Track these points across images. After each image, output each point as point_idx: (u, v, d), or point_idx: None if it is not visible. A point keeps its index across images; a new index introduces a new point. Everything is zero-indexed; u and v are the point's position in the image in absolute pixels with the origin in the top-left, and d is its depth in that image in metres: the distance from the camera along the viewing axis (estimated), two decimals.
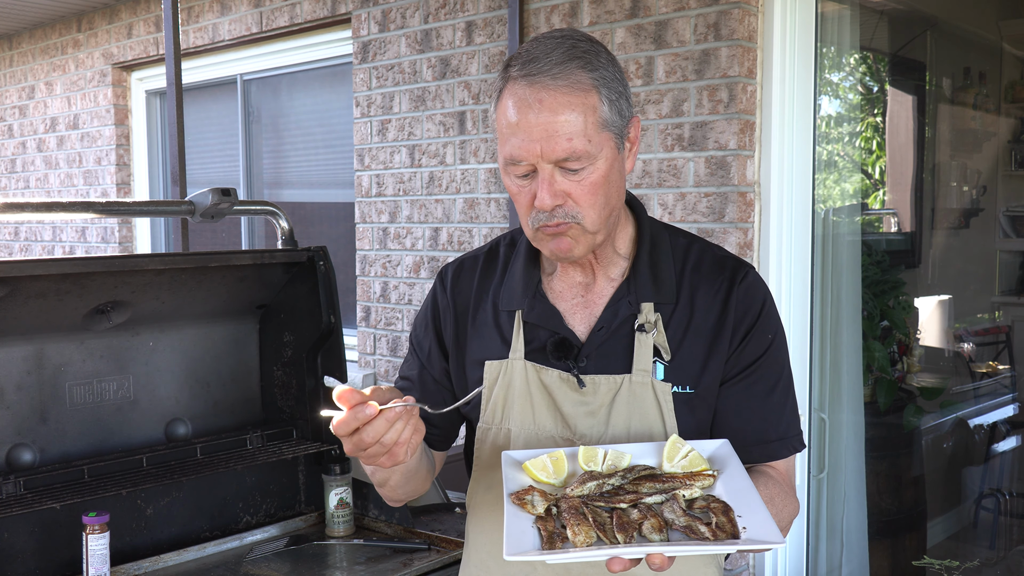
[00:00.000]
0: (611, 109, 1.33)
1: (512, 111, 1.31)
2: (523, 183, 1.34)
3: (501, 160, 1.36)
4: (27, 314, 2.08)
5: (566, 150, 1.28)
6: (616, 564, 1.11)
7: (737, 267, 1.46)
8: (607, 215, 1.36)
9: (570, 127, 1.28)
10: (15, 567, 2.08)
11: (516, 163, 1.32)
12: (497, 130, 1.36)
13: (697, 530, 1.15)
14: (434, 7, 3.88)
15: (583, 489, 1.24)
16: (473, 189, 3.79)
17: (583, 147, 1.29)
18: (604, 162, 1.32)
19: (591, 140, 1.30)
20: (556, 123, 1.28)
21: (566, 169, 1.30)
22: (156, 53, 5.33)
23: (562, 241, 1.35)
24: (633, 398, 1.39)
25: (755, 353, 1.42)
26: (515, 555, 1.11)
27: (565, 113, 1.28)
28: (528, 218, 1.36)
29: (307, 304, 2.48)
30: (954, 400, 4.77)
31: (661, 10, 3.16)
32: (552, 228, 1.33)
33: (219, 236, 5.40)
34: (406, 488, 1.51)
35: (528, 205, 1.34)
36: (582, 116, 1.29)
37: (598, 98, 1.31)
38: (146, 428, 2.38)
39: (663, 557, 1.10)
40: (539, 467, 1.30)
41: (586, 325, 1.45)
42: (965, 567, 3.55)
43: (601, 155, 1.32)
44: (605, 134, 1.32)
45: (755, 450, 1.41)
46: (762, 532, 1.13)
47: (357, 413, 1.19)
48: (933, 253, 5.48)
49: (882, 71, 5.51)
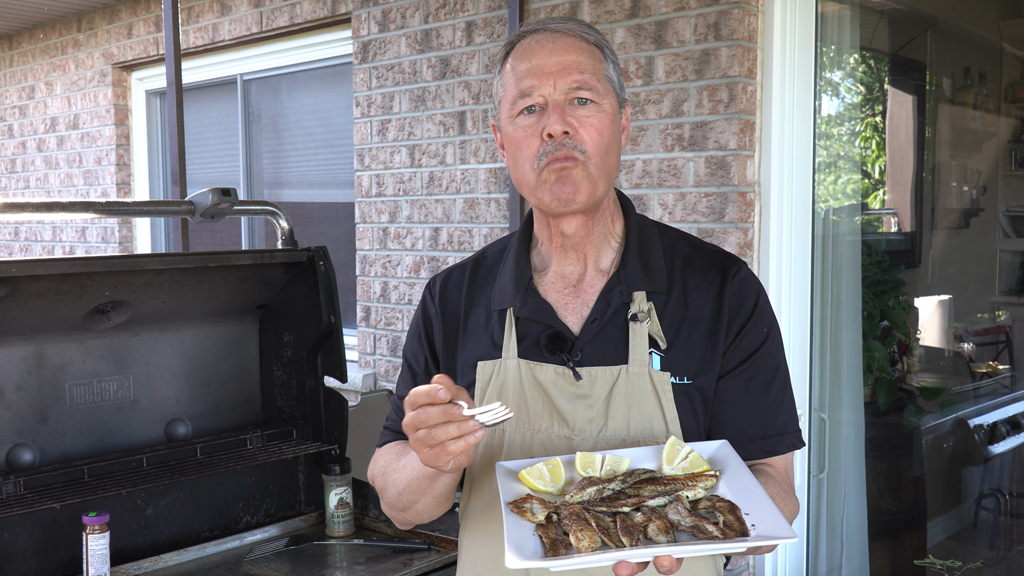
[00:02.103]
0: (614, 72, 1.43)
1: (525, 54, 1.39)
2: (531, 121, 1.38)
3: (508, 107, 1.40)
4: (27, 314, 2.08)
5: (578, 80, 1.36)
6: (623, 568, 1.08)
7: (729, 262, 1.46)
8: (608, 165, 1.40)
9: (581, 63, 1.38)
10: (15, 567, 2.08)
11: (527, 95, 1.37)
12: (502, 84, 1.42)
13: (705, 529, 1.11)
14: (434, 7, 3.88)
15: (583, 495, 1.20)
16: (473, 189, 3.79)
17: (592, 81, 1.37)
18: (609, 108, 1.39)
19: (599, 81, 1.38)
20: (568, 59, 1.37)
21: (576, 104, 1.37)
22: (156, 53, 5.33)
23: (566, 184, 1.36)
24: (631, 389, 1.38)
25: (751, 347, 1.42)
26: (518, 563, 1.06)
27: (576, 53, 1.38)
28: (534, 159, 1.38)
29: (307, 304, 2.48)
30: (954, 400, 4.77)
31: (661, 10, 3.16)
32: (560, 158, 1.35)
33: (219, 236, 5.40)
34: (429, 514, 1.47)
35: (536, 144, 1.37)
36: (591, 59, 1.39)
37: (603, 56, 1.41)
38: (146, 428, 2.38)
39: (671, 559, 1.08)
40: (536, 475, 1.26)
41: (579, 317, 1.44)
42: (966, 567, 3.56)
43: (606, 101, 1.39)
44: (608, 87, 1.40)
45: (753, 446, 1.40)
46: (773, 528, 1.10)
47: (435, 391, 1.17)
48: (933, 253, 5.48)
49: (882, 71, 5.51)
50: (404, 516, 1.49)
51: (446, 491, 1.40)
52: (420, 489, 1.39)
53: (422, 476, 1.36)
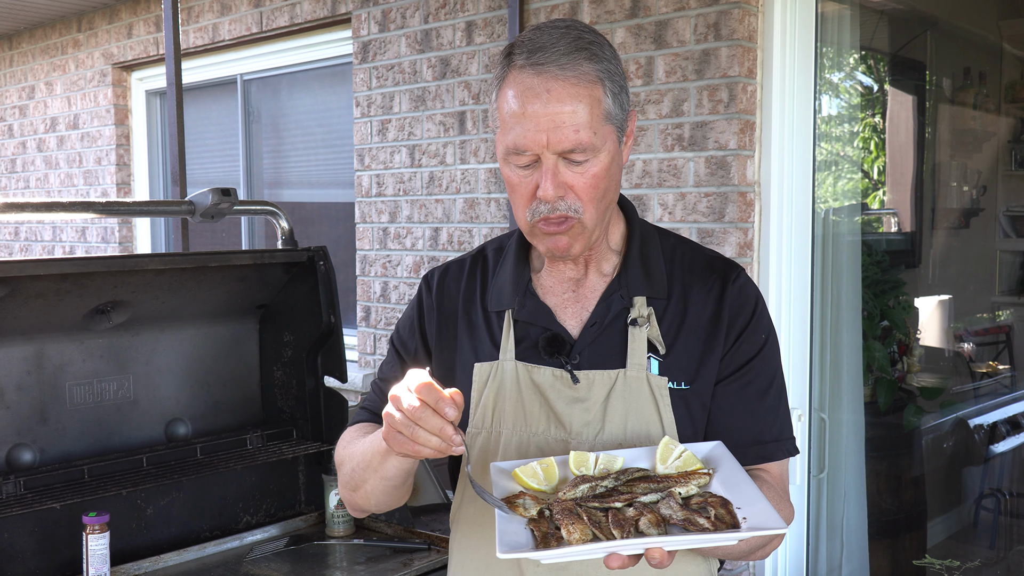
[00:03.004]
0: (614, 102, 1.33)
1: (517, 100, 1.30)
2: (524, 173, 1.33)
3: (502, 149, 1.34)
4: (27, 314, 2.08)
5: (572, 141, 1.29)
6: (614, 560, 1.08)
7: (729, 268, 1.46)
8: (605, 209, 1.37)
9: (577, 118, 1.28)
10: (15, 567, 2.08)
11: (520, 152, 1.31)
12: (498, 118, 1.35)
13: (696, 522, 1.12)
14: (434, 7, 3.88)
15: (575, 492, 1.21)
16: (473, 189, 3.79)
17: (589, 139, 1.29)
18: (606, 154, 1.33)
19: (596, 132, 1.30)
20: (563, 114, 1.28)
21: (570, 161, 1.30)
22: (156, 53, 5.33)
23: (560, 240, 1.35)
24: (629, 393, 1.38)
25: (749, 353, 1.42)
26: (508, 553, 1.06)
27: (572, 104, 1.28)
28: (527, 210, 1.35)
29: (307, 304, 2.48)
30: (954, 400, 4.77)
31: (661, 10, 3.16)
32: (554, 222, 1.33)
33: (219, 236, 5.40)
34: (376, 500, 1.44)
35: (528, 196, 1.33)
36: (588, 108, 1.29)
37: (603, 91, 1.31)
38: (146, 428, 2.38)
39: (662, 551, 1.08)
40: (529, 474, 1.26)
41: (578, 321, 1.43)
42: (965, 567, 3.56)
43: (604, 147, 1.32)
44: (608, 127, 1.33)
45: (750, 451, 1.40)
46: (763, 519, 1.10)
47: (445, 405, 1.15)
48: (933, 253, 5.48)
49: (882, 71, 5.51)
50: (354, 498, 1.46)
51: (395, 476, 1.36)
52: (371, 466, 1.37)
53: (376, 452, 1.34)
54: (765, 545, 1.35)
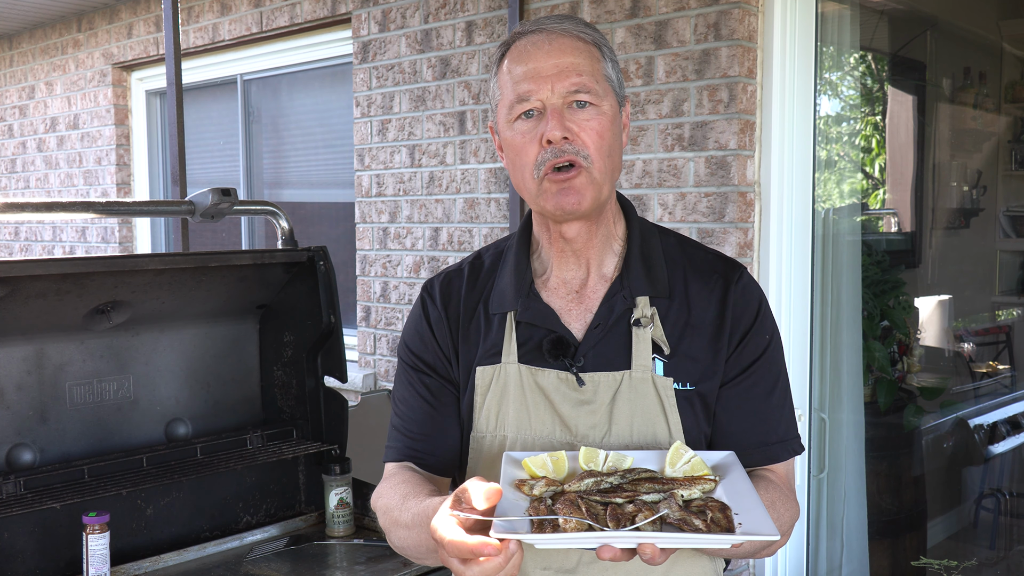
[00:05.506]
0: (613, 70, 1.40)
1: (521, 57, 1.37)
2: (529, 127, 1.36)
3: (505, 110, 1.38)
4: (27, 314, 2.08)
5: (576, 83, 1.34)
6: (606, 552, 1.09)
7: (731, 267, 1.46)
8: (611, 167, 1.38)
9: (579, 65, 1.35)
10: (15, 567, 2.08)
11: (524, 100, 1.35)
12: (499, 87, 1.40)
13: (691, 523, 1.13)
14: (434, 7, 3.88)
15: (580, 486, 1.22)
16: (473, 189, 3.79)
17: (591, 83, 1.35)
18: (609, 109, 1.37)
19: (597, 82, 1.36)
20: (565, 61, 1.35)
21: (574, 108, 1.34)
22: (156, 53, 5.33)
23: (569, 195, 1.35)
24: (635, 395, 1.37)
25: (753, 354, 1.41)
26: (502, 534, 1.08)
27: (573, 55, 1.36)
28: (534, 165, 1.35)
29: (307, 304, 2.48)
30: (954, 400, 4.77)
31: (661, 10, 3.16)
32: (562, 170, 1.34)
33: (219, 236, 5.40)
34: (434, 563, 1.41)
35: (535, 150, 1.35)
36: (589, 60, 1.36)
37: (601, 55, 1.39)
38: (146, 428, 2.38)
39: (654, 548, 1.08)
40: (539, 465, 1.27)
41: (582, 323, 1.43)
42: (964, 566, 3.56)
43: (606, 101, 1.37)
44: (608, 87, 1.38)
45: (756, 452, 1.40)
46: (757, 525, 1.12)
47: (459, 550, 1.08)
48: (933, 253, 5.48)
49: (882, 71, 5.51)
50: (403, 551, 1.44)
51: None
52: (421, 554, 1.36)
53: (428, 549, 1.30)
54: (766, 547, 1.35)
